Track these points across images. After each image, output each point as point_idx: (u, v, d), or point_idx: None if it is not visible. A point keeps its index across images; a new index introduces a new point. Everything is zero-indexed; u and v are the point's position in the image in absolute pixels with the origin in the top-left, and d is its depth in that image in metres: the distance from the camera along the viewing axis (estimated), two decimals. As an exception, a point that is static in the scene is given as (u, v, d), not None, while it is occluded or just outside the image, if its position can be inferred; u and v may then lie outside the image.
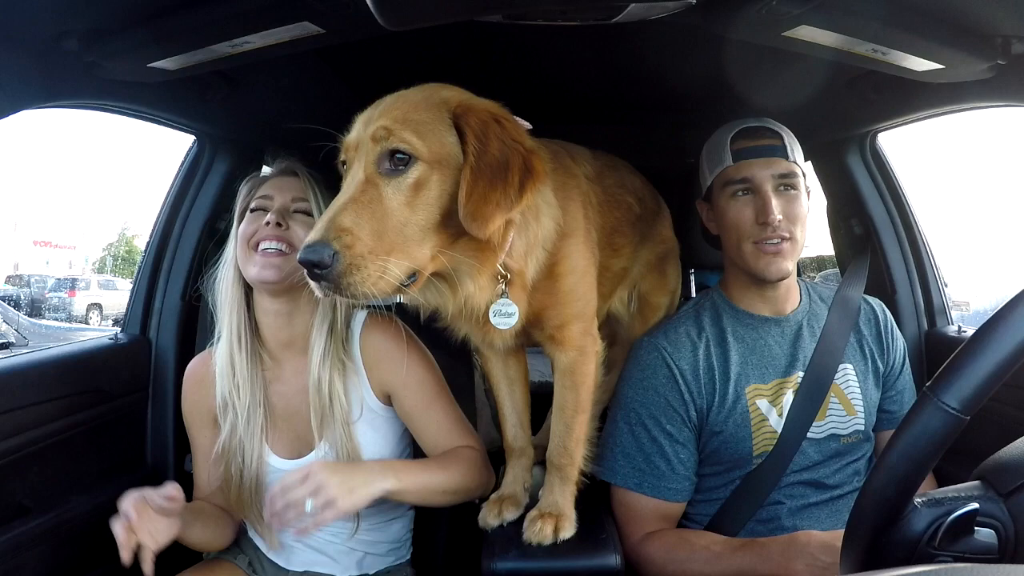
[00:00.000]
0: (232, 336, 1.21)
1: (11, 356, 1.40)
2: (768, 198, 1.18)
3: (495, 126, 0.87)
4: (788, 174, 1.20)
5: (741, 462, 1.20)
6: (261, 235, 1.16)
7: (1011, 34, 0.99)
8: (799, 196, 1.21)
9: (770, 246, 1.19)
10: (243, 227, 1.20)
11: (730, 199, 1.23)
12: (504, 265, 0.97)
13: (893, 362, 1.31)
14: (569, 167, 1.17)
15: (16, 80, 0.99)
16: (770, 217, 1.17)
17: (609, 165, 1.34)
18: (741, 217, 1.21)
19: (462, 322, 1.07)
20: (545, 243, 1.05)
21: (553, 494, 1.14)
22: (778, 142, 1.22)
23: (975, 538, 0.59)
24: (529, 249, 1.02)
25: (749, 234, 1.20)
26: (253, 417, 1.20)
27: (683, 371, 1.21)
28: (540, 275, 1.06)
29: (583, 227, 1.13)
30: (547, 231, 1.04)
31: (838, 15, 0.93)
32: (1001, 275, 11.10)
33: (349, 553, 1.29)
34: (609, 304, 1.38)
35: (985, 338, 0.57)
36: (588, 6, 0.94)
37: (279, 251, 1.15)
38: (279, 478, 1.16)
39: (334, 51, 1.19)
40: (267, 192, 1.22)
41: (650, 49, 1.27)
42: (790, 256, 1.20)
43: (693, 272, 2.26)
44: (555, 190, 1.09)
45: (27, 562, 1.21)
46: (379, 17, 0.86)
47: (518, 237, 0.99)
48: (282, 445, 1.23)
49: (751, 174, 1.20)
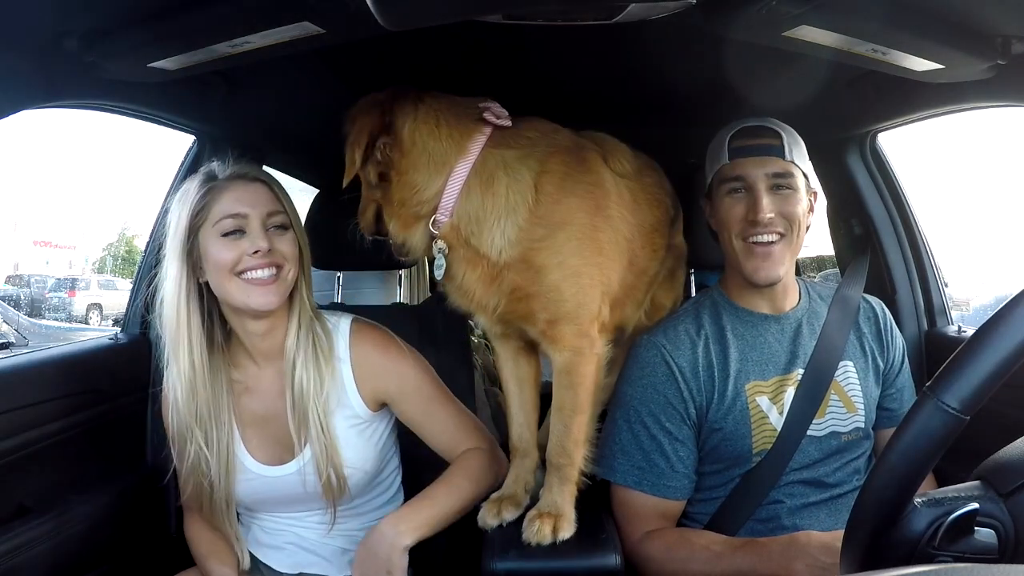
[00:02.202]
0: (195, 363, 1.12)
1: (11, 356, 1.40)
2: (759, 196, 1.18)
3: (363, 104, 1.12)
4: (783, 173, 1.20)
5: (740, 460, 1.20)
6: (248, 264, 1.10)
7: (1011, 34, 0.99)
8: (794, 195, 1.21)
9: (759, 244, 1.19)
10: (217, 253, 1.10)
11: (725, 196, 1.23)
12: (437, 224, 1.11)
13: (893, 360, 1.31)
14: (587, 160, 1.17)
15: (16, 80, 0.99)
16: (759, 215, 1.17)
17: (649, 164, 1.36)
18: (732, 214, 1.22)
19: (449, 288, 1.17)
20: (510, 217, 1.09)
21: (552, 494, 1.13)
22: (776, 141, 1.22)
23: (975, 538, 0.59)
24: (478, 218, 1.09)
25: (739, 231, 1.21)
26: (219, 433, 1.16)
27: (682, 369, 1.21)
28: (516, 254, 1.09)
29: (584, 224, 1.13)
30: (509, 204, 1.09)
31: (838, 15, 0.93)
32: (1002, 275, 11.12)
33: (342, 554, 1.28)
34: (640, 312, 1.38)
35: (985, 338, 0.57)
36: (588, 6, 0.94)
37: (272, 276, 1.11)
38: (261, 483, 1.21)
39: (334, 52, 1.20)
40: (236, 209, 1.11)
41: (650, 49, 1.27)
42: (780, 260, 1.20)
43: (693, 272, 2.26)
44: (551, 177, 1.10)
45: (27, 562, 1.20)
46: (379, 17, 0.86)
47: (463, 202, 1.09)
48: (262, 451, 1.22)
49: (745, 172, 1.21)
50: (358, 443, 1.22)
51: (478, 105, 1.13)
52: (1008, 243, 16.86)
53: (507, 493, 1.20)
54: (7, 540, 1.17)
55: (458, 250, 1.12)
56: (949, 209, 16.49)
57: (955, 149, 23.08)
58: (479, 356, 2.40)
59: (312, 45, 1.01)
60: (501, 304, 1.13)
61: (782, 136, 1.22)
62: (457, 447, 1.25)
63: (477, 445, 1.24)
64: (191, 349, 1.12)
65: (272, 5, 0.92)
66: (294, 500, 1.24)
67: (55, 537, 1.26)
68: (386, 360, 1.23)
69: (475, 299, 1.14)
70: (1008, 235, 17.90)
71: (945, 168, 21.86)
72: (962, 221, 16.08)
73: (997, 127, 24.42)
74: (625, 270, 1.21)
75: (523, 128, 1.14)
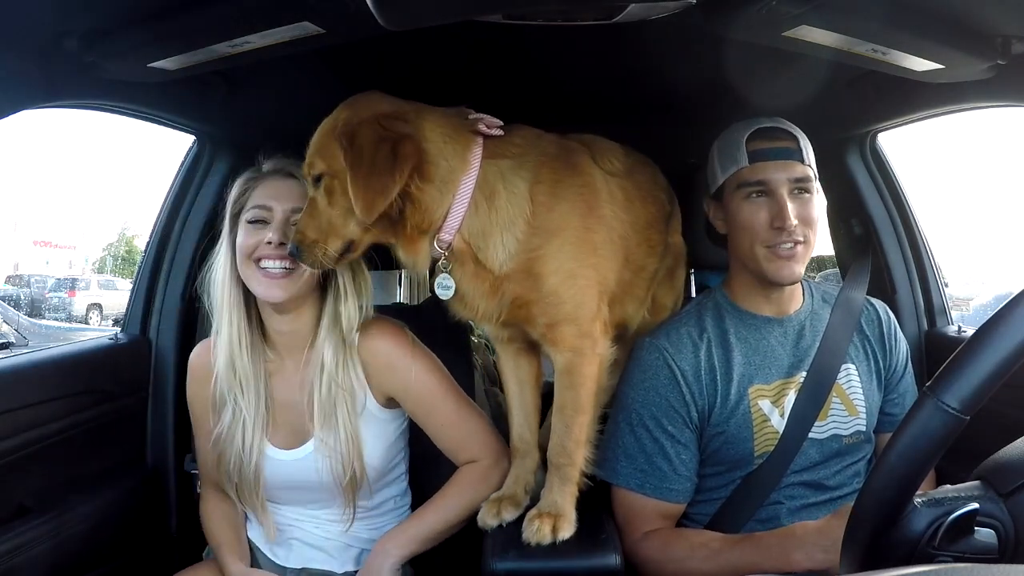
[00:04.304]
0: (232, 337, 1.21)
1: (11, 356, 1.40)
2: (784, 202, 1.17)
3: (366, 130, 1.02)
4: (804, 178, 1.19)
5: (742, 462, 1.20)
6: (263, 252, 1.16)
7: (1011, 34, 0.99)
8: (812, 199, 1.20)
9: (784, 250, 1.18)
10: (242, 238, 1.18)
11: (743, 200, 1.21)
12: (442, 243, 1.09)
13: (895, 364, 1.30)
14: (577, 164, 1.17)
15: (16, 80, 0.99)
16: (787, 223, 1.16)
17: (641, 161, 1.36)
18: (755, 220, 1.19)
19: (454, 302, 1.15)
20: (510, 230, 1.08)
21: (552, 494, 1.13)
22: (794, 145, 1.20)
23: (975, 538, 0.59)
24: (485, 232, 1.08)
25: (763, 238, 1.19)
26: (256, 411, 1.22)
27: (684, 372, 1.20)
28: (515, 265, 1.09)
29: (577, 226, 1.13)
30: (509, 217, 1.08)
31: (838, 15, 0.93)
32: (1002, 274, 11.12)
33: (345, 549, 1.30)
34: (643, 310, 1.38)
35: (985, 338, 0.57)
36: (588, 6, 0.94)
37: (284, 269, 1.15)
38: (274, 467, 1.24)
39: (334, 52, 1.20)
40: (263, 201, 1.19)
41: (650, 49, 1.27)
42: (802, 260, 1.20)
43: (693, 272, 2.26)
44: (544, 187, 1.10)
45: (27, 562, 1.21)
46: (379, 17, 0.86)
47: (471, 218, 1.07)
48: (279, 435, 1.25)
49: (767, 177, 1.19)
50: (369, 438, 1.24)
51: (467, 116, 1.12)
52: (1008, 243, 16.90)
53: (507, 493, 1.20)
54: (7, 540, 1.17)
55: (465, 265, 1.11)
56: (949, 209, 16.52)
57: (955, 149, 23.13)
58: (479, 356, 2.40)
59: (312, 45, 1.01)
60: (503, 313, 1.13)
61: (798, 139, 1.21)
62: (461, 452, 1.26)
63: (478, 457, 1.25)
64: (230, 321, 1.21)
65: (272, 5, 0.92)
66: (306, 488, 1.25)
67: (55, 537, 1.26)
68: (392, 356, 1.23)
69: (479, 311, 1.14)
70: (1008, 235, 17.93)
71: (945, 168, 21.91)
72: (962, 221, 16.11)
73: (997, 127, 24.43)
74: (621, 267, 1.21)
75: (512, 136, 1.13)
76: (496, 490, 1.22)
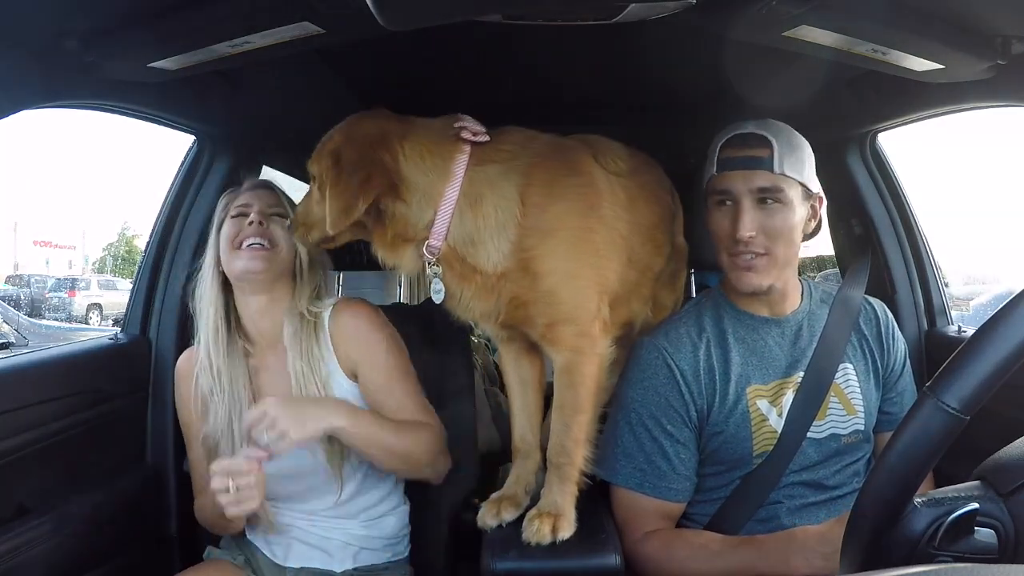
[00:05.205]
0: (209, 331, 1.29)
1: (11, 356, 1.40)
2: (741, 213, 1.16)
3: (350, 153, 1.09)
4: (770, 188, 1.17)
5: (741, 462, 1.20)
6: (245, 233, 1.27)
7: (1011, 34, 0.99)
8: (782, 209, 1.17)
9: (742, 261, 1.19)
10: (226, 230, 1.29)
11: (714, 208, 1.22)
12: (432, 248, 1.12)
13: (893, 363, 1.30)
14: (576, 164, 1.17)
15: (16, 80, 0.99)
16: (739, 234, 1.16)
17: (646, 162, 1.36)
18: (719, 227, 1.21)
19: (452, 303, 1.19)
20: (501, 233, 1.10)
21: (552, 494, 1.13)
22: (764, 153, 1.17)
23: (975, 538, 0.59)
24: (472, 237, 1.10)
25: (725, 246, 1.21)
26: (235, 404, 1.26)
27: (683, 371, 1.21)
28: (510, 265, 1.10)
29: (577, 226, 1.13)
30: (498, 221, 1.09)
31: (838, 15, 0.93)
32: (1002, 274, 11.13)
33: (344, 548, 1.31)
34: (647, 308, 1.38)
35: (985, 338, 0.57)
36: (588, 6, 0.94)
37: (262, 246, 1.26)
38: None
39: (334, 51, 1.20)
40: (245, 201, 1.32)
41: (650, 49, 1.27)
42: (765, 271, 1.19)
43: (693, 272, 2.26)
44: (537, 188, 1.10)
45: (27, 562, 1.20)
46: (379, 17, 0.86)
47: (456, 226, 1.10)
48: None
49: (729, 186, 1.19)
50: None
51: (453, 125, 1.12)
52: (1008, 243, 16.91)
53: (507, 493, 1.20)
54: (7, 540, 1.17)
55: (454, 267, 1.13)
56: (949, 209, 16.53)
57: (955, 149, 23.15)
58: (479, 356, 2.40)
59: (312, 45, 1.01)
60: (501, 313, 1.14)
61: (773, 146, 1.17)
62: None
63: (429, 424, 1.28)
64: (207, 320, 1.30)
65: (272, 5, 0.92)
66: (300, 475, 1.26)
67: (55, 537, 1.26)
68: (358, 328, 1.30)
69: (477, 312, 1.15)
70: (1008, 235, 17.93)
71: (945, 168, 21.92)
72: (962, 221, 16.11)
73: (997, 127, 24.42)
74: (625, 268, 1.21)
75: (500, 141, 1.13)
76: (435, 469, 1.27)
